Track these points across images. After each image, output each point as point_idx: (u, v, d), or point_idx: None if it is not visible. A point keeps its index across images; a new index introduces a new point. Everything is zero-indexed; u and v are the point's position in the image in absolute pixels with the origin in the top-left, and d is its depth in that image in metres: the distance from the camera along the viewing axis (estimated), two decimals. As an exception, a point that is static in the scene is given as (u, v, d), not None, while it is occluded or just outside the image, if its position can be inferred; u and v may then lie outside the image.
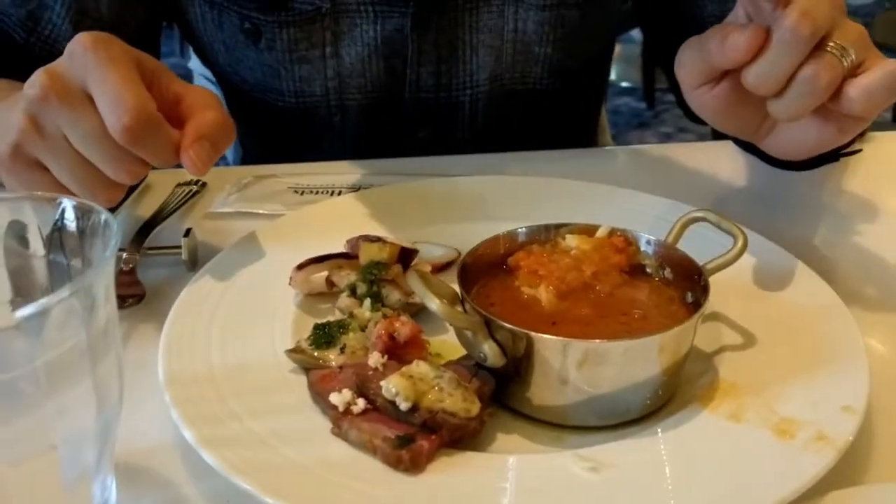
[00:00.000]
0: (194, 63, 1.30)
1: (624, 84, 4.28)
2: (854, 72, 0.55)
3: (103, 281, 0.40)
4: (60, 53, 0.58)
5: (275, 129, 0.97)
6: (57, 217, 0.45)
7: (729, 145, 0.91)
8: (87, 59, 0.55)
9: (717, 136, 0.83)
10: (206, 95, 0.61)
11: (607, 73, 1.15)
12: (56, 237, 0.46)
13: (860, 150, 0.78)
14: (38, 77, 0.56)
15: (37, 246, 0.46)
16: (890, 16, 3.47)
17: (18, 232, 0.47)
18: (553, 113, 1.00)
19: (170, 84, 0.60)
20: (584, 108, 1.11)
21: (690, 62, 0.58)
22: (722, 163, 0.88)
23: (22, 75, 0.76)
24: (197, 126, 0.58)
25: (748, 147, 0.84)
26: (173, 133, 0.57)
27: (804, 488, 0.43)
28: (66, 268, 0.46)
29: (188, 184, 0.85)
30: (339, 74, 0.90)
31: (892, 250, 0.71)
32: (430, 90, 0.92)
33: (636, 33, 0.98)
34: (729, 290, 0.61)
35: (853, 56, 0.54)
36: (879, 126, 0.83)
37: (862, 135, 0.91)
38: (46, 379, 0.38)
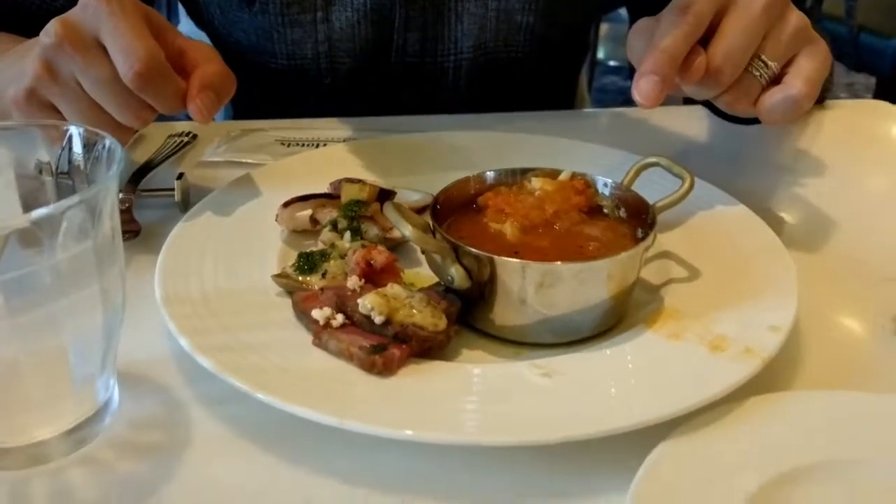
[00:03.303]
0: (183, 27, 1.33)
1: (611, 63, 4.34)
2: (784, 69, 0.62)
3: (109, 196, 0.45)
4: (57, 10, 0.63)
5: (267, 91, 1.02)
6: (64, 144, 0.50)
7: (698, 109, 0.96)
8: (100, 10, 0.60)
9: (687, 100, 0.89)
10: (208, 49, 0.66)
11: (588, 44, 1.20)
12: (64, 162, 0.51)
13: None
14: (52, 26, 0.60)
15: (46, 171, 0.51)
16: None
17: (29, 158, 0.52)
18: (534, 80, 1.05)
19: (174, 38, 0.65)
20: (563, 77, 1.16)
21: (640, 52, 0.61)
22: (690, 124, 0.94)
23: (21, 32, 0.81)
24: (202, 76, 0.62)
25: (716, 110, 0.90)
26: (179, 82, 0.62)
27: (729, 391, 0.49)
28: (73, 189, 0.50)
29: (179, 135, 0.89)
30: (329, 38, 0.95)
31: (833, 203, 0.77)
32: (416, 55, 0.97)
33: (624, 13, 1.02)
34: (680, 231, 0.67)
35: (774, 69, 0.61)
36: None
37: (821, 102, 0.98)
38: (59, 277, 0.44)
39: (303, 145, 0.87)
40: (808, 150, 0.90)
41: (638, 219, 0.61)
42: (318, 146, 0.86)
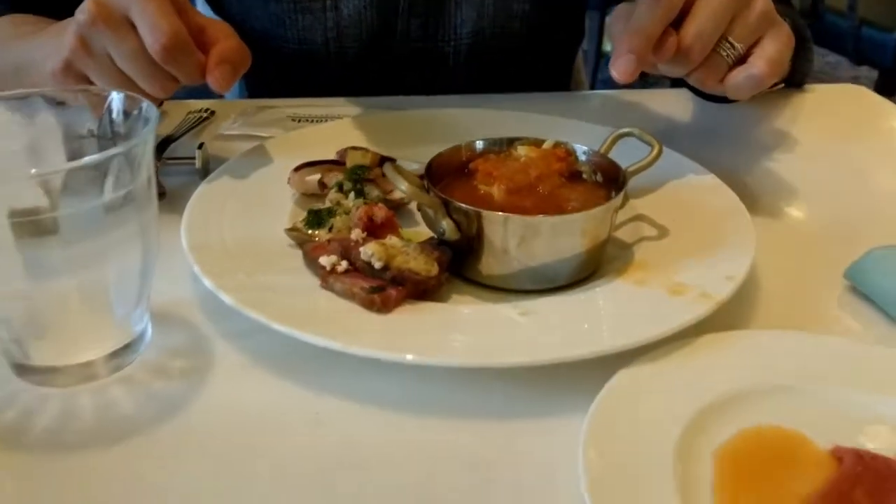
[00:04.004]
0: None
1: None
2: (749, 50, 0.69)
3: (145, 149, 0.53)
4: None
5: (279, 72, 1.09)
6: (106, 107, 0.58)
7: (684, 91, 1.03)
8: None
9: (675, 83, 0.96)
10: (225, 27, 0.73)
11: (582, 31, 1.26)
12: (106, 125, 0.58)
13: (780, 85, 0.90)
14: (87, 4, 0.67)
15: (91, 134, 0.59)
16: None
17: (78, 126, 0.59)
18: (530, 64, 1.12)
19: (195, 17, 0.71)
20: (559, 62, 1.23)
21: (619, 34, 0.68)
22: (676, 105, 1.01)
23: (49, 13, 0.88)
24: (220, 51, 0.70)
25: (698, 92, 0.97)
26: (200, 56, 0.69)
27: (683, 328, 0.56)
28: (114, 146, 0.58)
29: (199, 111, 0.97)
30: (337, 25, 1.02)
31: (800, 175, 0.85)
32: (418, 40, 1.04)
33: None
34: (653, 197, 0.74)
35: (740, 50, 0.68)
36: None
37: (801, 85, 1.05)
38: (105, 216, 0.51)
39: (312, 121, 0.95)
40: (783, 129, 0.98)
41: (613, 183, 0.68)
42: (325, 121, 0.93)
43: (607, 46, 4.15)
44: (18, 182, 0.49)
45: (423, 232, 0.68)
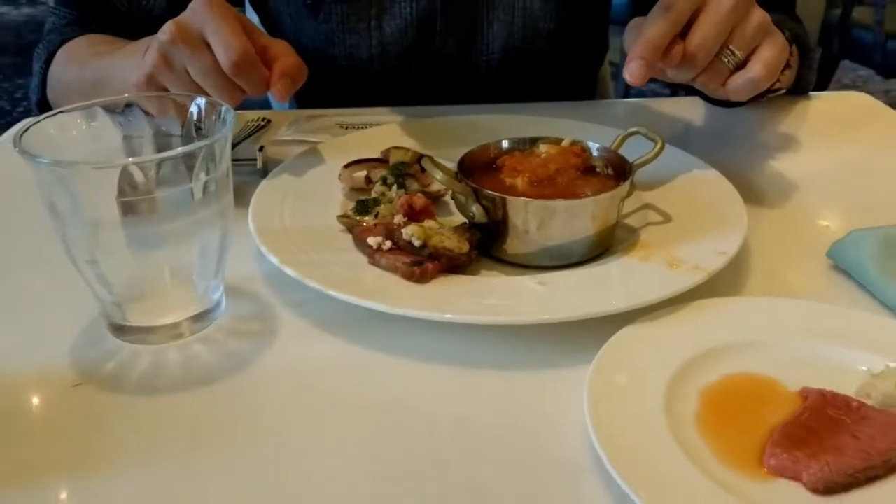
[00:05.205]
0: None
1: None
2: (748, 56, 0.77)
3: (225, 143, 0.64)
4: (156, 21, 0.80)
5: (328, 86, 1.20)
6: (192, 109, 0.69)
7: (695, 100, 1.13)
8: (204, 14, 0.78)
9: (689, 91, 1.05)
10: (286, 46, 0.84)
11: (606, 44, 1.36)
12: (190, 125, 0.69)
13: (782, 90, 0.99)
14: (168, 26, 0.79)
15: (177, 130, 0.70)
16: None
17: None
18: (556, 76, 1.22)
19: (259, 37, 0.82)
20: (584, 72, 1.33)
21: (632, 43, 0.77)
22: (689, 112, 1.11)
23: (123, 33, 1.00)
24: (281, 66, 0.80)
25: (707, 98, 1.06)
26: (265, 70, 0.80)
27: (677, 294, 0.65)
28: (196, 144, 0.69)
29: (256, 120, 1.08)
30: (381, 43, 1.13)
31: (796, 170, 0.94)
32: (454, 56, 1.15)
33: None
34: (660, 188, 0.83)
35: (740, 56, 0.77)
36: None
37: (805, 93, 1.14)
38: (193, 199, 0.62)
39: (357, 127, 1.05)
40: (786, 132, 1.06)
41: (621, 175, 0.78)
42: (369, 128, 1.04)
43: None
44: (124, 169, 0.60)
45: (457, 220, 0.78)
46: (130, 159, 0.62)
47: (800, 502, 0.50)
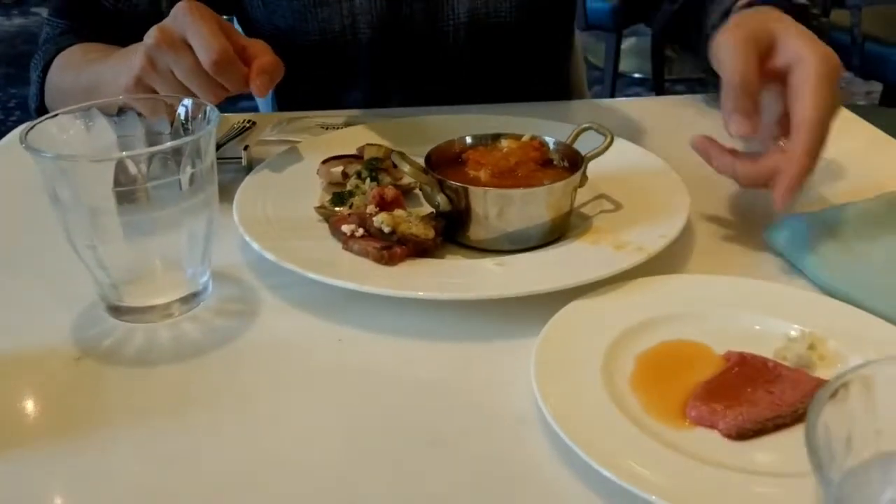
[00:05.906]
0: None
1: (636, 75, 4.63)
2: None
3: (208, 139, 0.70)
4: (143, 17, 0.86)
5: (303, 67, 1.24)
6: (179, 110, 0.76)
7: (654, 99, 1.20)
8: (185, 18, 0.84)
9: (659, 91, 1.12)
10: (263, 45, 0.90)
11: (573, 11, 1.41)
12: (178, 123, 0.76)
13: None
14: (153, 31, 0.85)
15: (166, 129, 0.77)
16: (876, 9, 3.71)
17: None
18: (524, 43, 1.27)
19: (238, 38, 0.89)
20: (553, 42, 1.37)
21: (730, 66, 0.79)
22: (664, 114, 1.17)
23: (114, 39, 1.07)
24: (259, 64, 0.87)
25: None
26: (243, 68, 0.87)
27: (619, 272, 0.72)
28: (183, 141, 0.76)
29: (241, 122, 1.15)
30: (352, 13, 1.19)
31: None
32: (422, 23, 1.21)
33: (646, 28, 1.20)
34: (613, 179, 0.90)
35: None
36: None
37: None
38: (181, 189, 0.69)
39: (336, 128, 1.12)
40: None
41: (577, 167, 0.85)
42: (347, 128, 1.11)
43: (625, 67, 4.36)
44: (119, 162, 0.67)
45: (425, 210, 0.84)
46: (125, 153, 0.69)
47: (714, 446, 0.57)
